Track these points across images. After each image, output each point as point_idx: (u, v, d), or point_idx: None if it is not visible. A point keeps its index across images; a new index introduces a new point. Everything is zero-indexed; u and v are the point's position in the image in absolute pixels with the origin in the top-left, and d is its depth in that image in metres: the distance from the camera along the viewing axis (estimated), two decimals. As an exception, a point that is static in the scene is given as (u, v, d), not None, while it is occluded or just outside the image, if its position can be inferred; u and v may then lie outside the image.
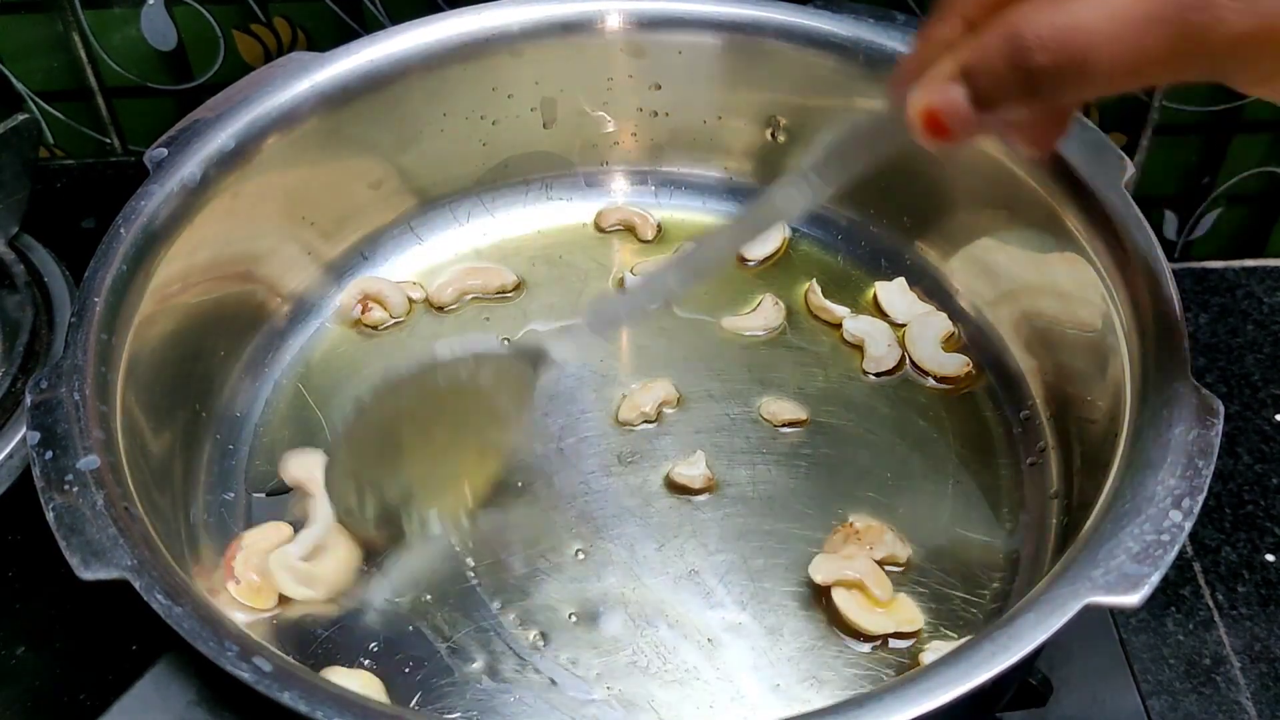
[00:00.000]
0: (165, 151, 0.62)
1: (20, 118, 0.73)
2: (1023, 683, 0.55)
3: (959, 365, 0.67)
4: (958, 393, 0.67)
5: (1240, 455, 0.72)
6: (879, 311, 0.70)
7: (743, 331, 0.70)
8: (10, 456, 0.62)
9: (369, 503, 0.58)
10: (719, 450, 0.64)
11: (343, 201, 0.71)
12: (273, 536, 0.58)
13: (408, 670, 0.56)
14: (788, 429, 0.65)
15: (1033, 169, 0.63)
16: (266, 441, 0.65)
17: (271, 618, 0.57)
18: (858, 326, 0.69)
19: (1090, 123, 0.63)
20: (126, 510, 0.50)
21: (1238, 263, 0.84)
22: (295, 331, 0.70)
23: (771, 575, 0.59)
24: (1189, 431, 0.50)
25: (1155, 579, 0.46)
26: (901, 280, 0.71)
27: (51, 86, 0.81)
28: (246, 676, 0.44)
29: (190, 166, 0.62)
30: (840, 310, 0.70)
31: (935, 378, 0.67)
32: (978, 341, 0.69)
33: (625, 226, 0.76)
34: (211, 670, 0.45)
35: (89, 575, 0.47)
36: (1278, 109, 0.77)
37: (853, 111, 0.70)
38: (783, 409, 0.65)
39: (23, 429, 0.61)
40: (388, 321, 0.70)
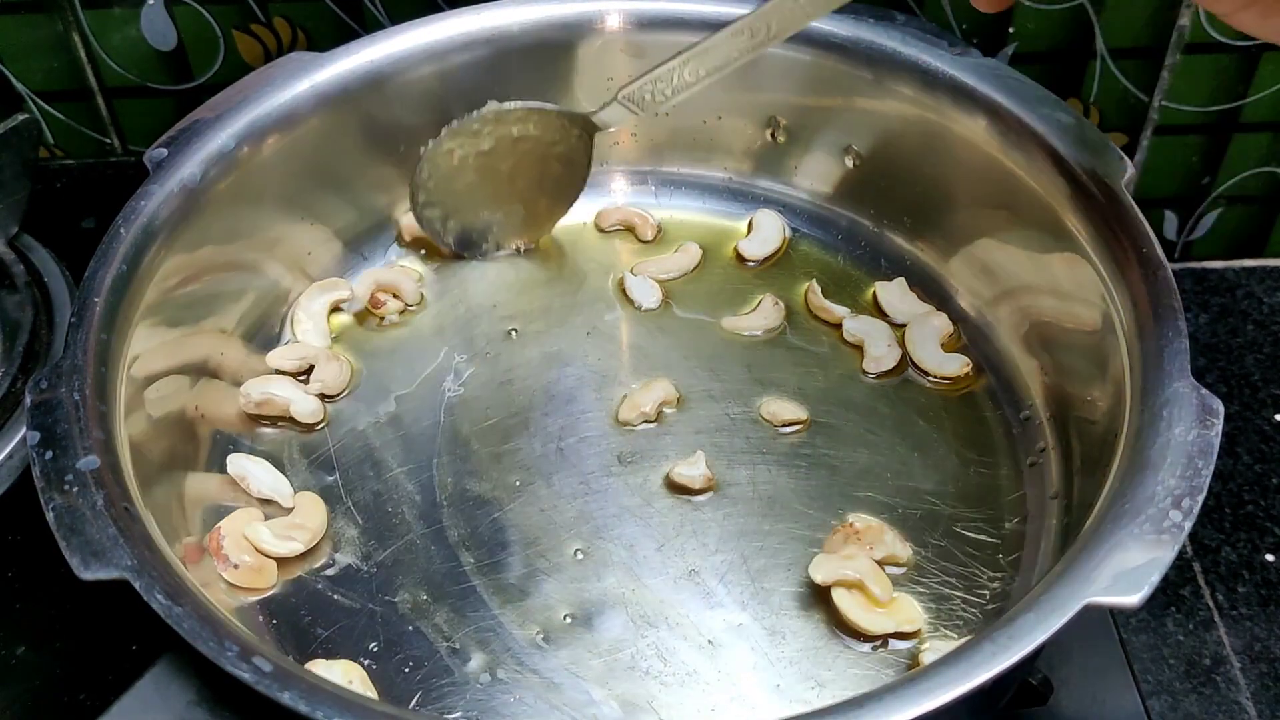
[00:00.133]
0: (165, 151, 0.62)
1: (20, 118, 0.73)
2: (1023, 683, 0.55)
3: (959, 365, 0.67)
4: (958, 393, 0.67)
5: (1240, 455, 0.72)
6: (879, 311, 0.70)
7: (743, 331, 0.70)
8: (10, 456, 0.62)
9: (450, 225, 0.71)
10: (719, 450, 0.64)
11: (342, 202, 0.71)
12: (245, 518, 0.59)
13: (408, 670, 0.56)
14: (788, 429, 0.65)
15: (1033, 169, 0.63)
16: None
17: (272, 617, 0.58)
18: (858, 326, 0.69)
19: (1090, 123, 0.63)
20: (126, 510, 0.50)
21: (1238, 263, 0.84)
22: (295, 331, 0.70)
23: (771, 575, 0.59)
24: (1189, 431, 0.50)
25: (1155, 579, 0.46)
26: (901, 280, 0.71)
27: (51, 86, 0.81)
28: (246, 676, 0.44)
29: (190, 166, 0.62)
30: (840, 310, 0.70)
31: (935, 378, 0.67)
32: (978, 341, 0.69)
33: (625, 226, 0.76)
34: (211, 670, 0.45)
35: (89, 575, 0.47)
36: (1278, 109, 0.77)
37: (853, 112, 0.71)
38: (783, 409, 0.65)
39: (23, 429, 0.61)
40: (399, 310, 0.71)
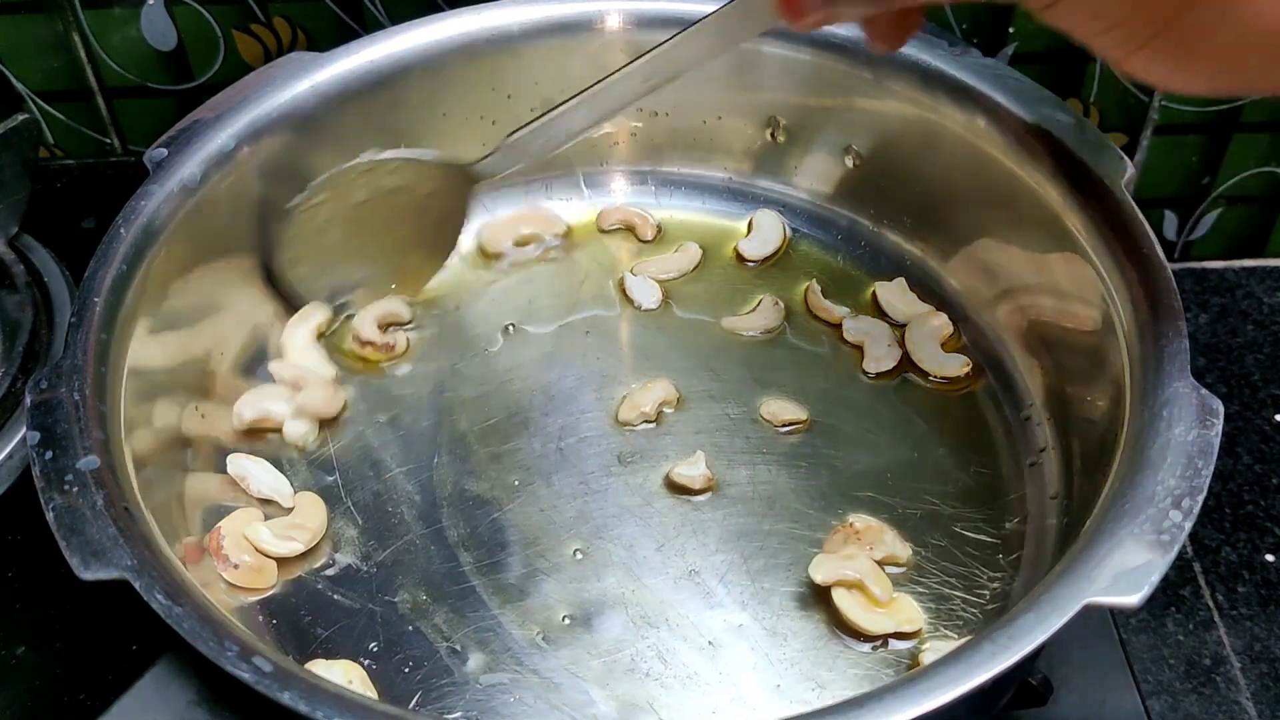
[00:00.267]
0: (165, 151, 0.62)
1: (20, 118, 0.73)
2: (1023, 683, 0.55)
3: (959, 365, 0.67)
4: (958, 393, 0.67)
5: (1240, 455, 0.72)
6: (879, 311, 0.70)
7: (743, 331, 0.70)
8: (10, 456, 0.62)
9: (321, 282, 0.67)
10: (719, 450, 0.64)
11: (343, 201, 0.71)
12: (245, 518, 0.59)
13: (408, 670, 0.56)
14: (788, 429, 0.65)
15: (1033, 169, 0.63)
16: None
17: (272, 618, 0.58)
18: (858, 326, 0.69)
19: (1090, 123, 0.63)
20: (126, 510, 0.50)
21: (1238, 263, 0.84)
22: (295, 331, 0.69)
23: (771, 575, 0.59)
24: (1189, 431, 0.50)
25: (1155, 579, 0.46)
26: (901, 280, 0.71)
27: (51, 86, 0.81)
28: (246, 676, 0.44)
29: (190, 166, 0.62)
30: (840, 310, 0.70)
31: (935, 378, 0.67)
32: (978, 341, 0.68)
33: (625, 226, 0.76)
34: (211, 670, 0.45)
35: (89, 575, 0.47)
36: (1277, 109, 0.77)
37: (853, 112, 0.71)
38: (783, 409, 0.65)
39: (23, 429, 0.61)
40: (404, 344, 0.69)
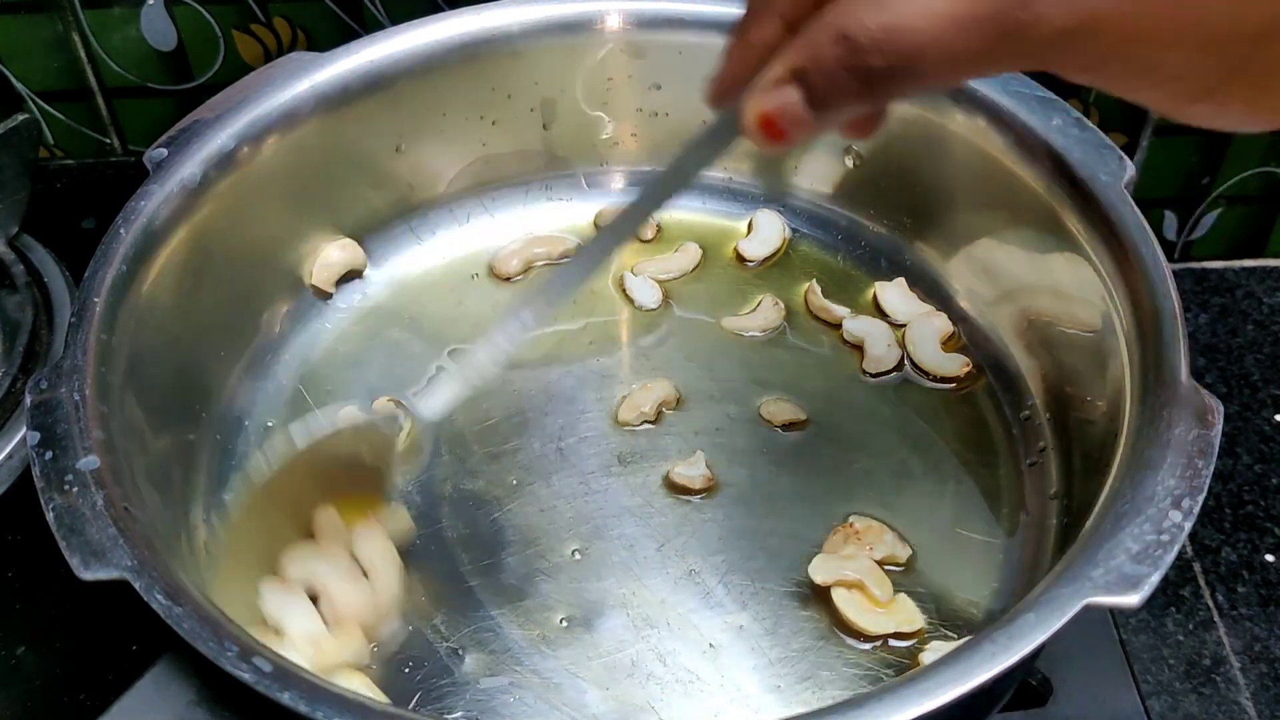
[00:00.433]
0: (165, 151, 0.62)
1: (20, 118, 0.73)
2: (1023, 683, 0.55)
3: (959, 365, 0.67)
4: (958, 393, 0.67)
5: (1240, 455, 0.72)
6: (879, 311, 0.70)
7: (743, 332, 0.70)
8: (10, 456, 0.62)
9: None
10: (719, 450, 0.64)
11: (342, 202, 0.71)
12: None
13: (408, 670, 0.56)
14: (788, 429, 0.65)
15: (1033, 169, 0.63)
16: (266, 441, 0.65)
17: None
18: (858, 326, 0.69)
19: (1090, 123, 0.63)
20: (126, 510, 0.50)
21: (1238, 263, 0.84)
22: (295, 332, 0.69)
23: (771, 575, 0.59)
24: (1189, 431, 0.50)
25: (1155, 579, 0.46)
26: (901, 280, 0.71)
27: (51, 86, 0.81)
28: (246, 676, 0.44)
29: (190, 166, 0.62)
30: (840, 310, 0.70)
31: (935, 378, 0.67)
32: (978, 341, 0.68)
33: (625, 226, 0.76)
34: (211, 670, 0.45)
35: (89, 575, 0.47)
36: (1278, 109, 0.77)
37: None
38: (783, 409, 0.65)
39: (23, 429, 0.61)
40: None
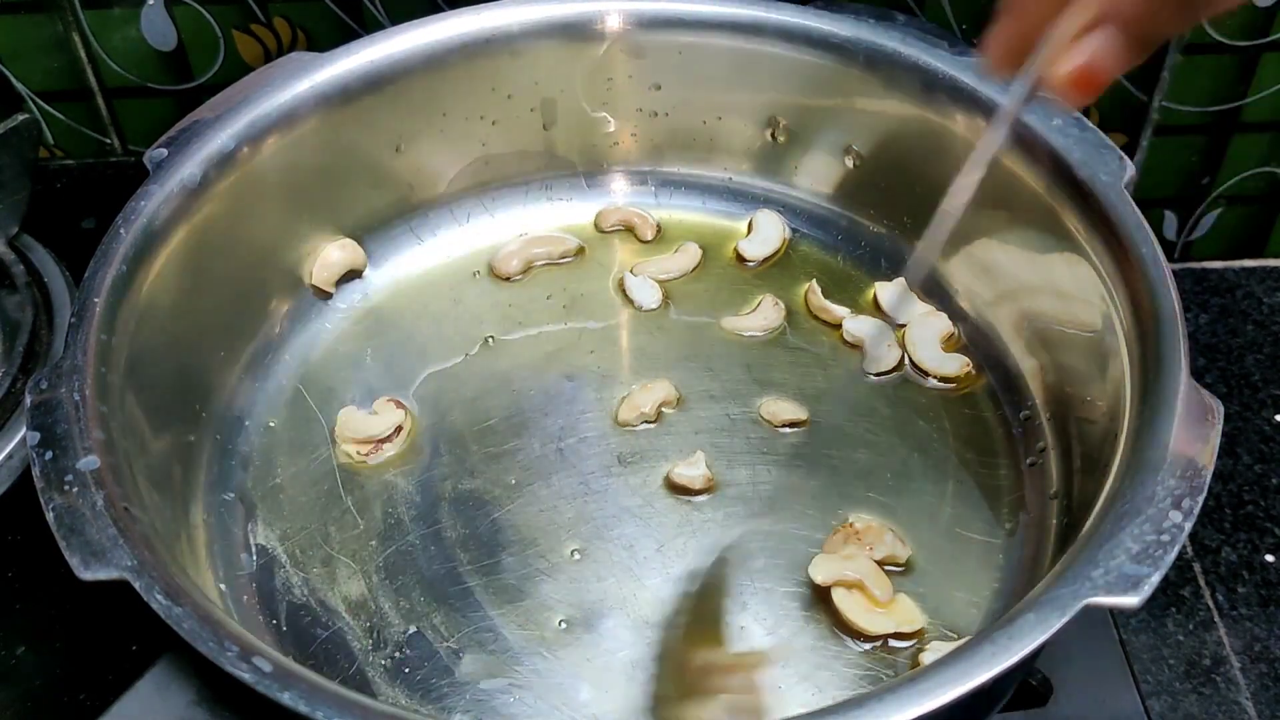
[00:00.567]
0: (165, 151, 0.62)
1: (20, 118, 0.73)
2: (1023, 683, 0.55)
3: (959, 365, 0.67)
4: (958, 393, 0.67)
5: (1240, 455, 0.72)
6: (879, 311, 0.70)
7: (743, 332, 0.70)
8: (10, 457, 0.62)
9: None
10: (719, 450, 0.64)
11: (342, 202, 0.71)
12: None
13: (408, 670, 0.56)
14: (788, 429, 0.65)
15: (1033, 169, 0.63)
16: (266, 442, 0.65)
17: (272, 618, 0.57)
18: (858, 326, 0.69)
19: (1090, 123, 0.63)
20: (126, 510, 0.50)
21: (1238, 263, 0.84)
22: (295, 332, 0.69)
23: (771, 575, 0.59)
24: (1189, 431, 0.50)
25: (1155, 579, 0.46)
26: (901, 280, 0.71)
27: (51, 86, 0.81)
28: (246, 676, 0.44)
29: (190, 166, 0.62)
30: (840, 310, 0.70)
31: (935, 378, 0.67)
32: (978, 341, 0.68)
33: (625, 226, 0.76)
34: (211, 670, 0.45)
35: (89, 575, 0.47)
36: (1277, 109, 0.77)
37: (853, 112, 0.71)
38: (783, 409, 0.65)
39: (23, 429, 0.60)
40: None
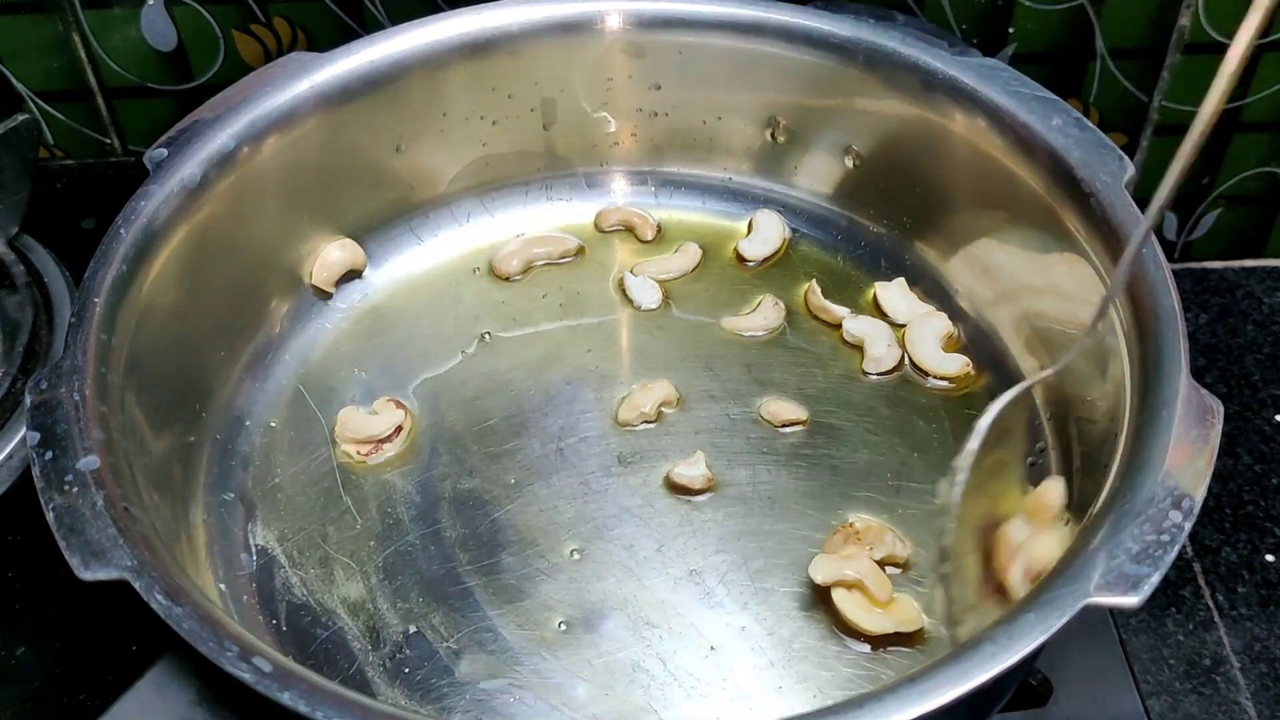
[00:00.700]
0: (165, 152, 0.62)
1: (20, 118, 0.73)
2: (1023, 683, 0.55)
3: (959, 365, 0.67)
4: (958, 393, 0.67)
5: (1240, 455, 0.72)
6: (879, 312, 0.70)
7: (743, 332, 0.70)
8: (10, 457, 0.62)
9: None
10: (719, 450, 0.64)
11: (342, 202, 0.71)
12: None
13: (408, 670, 0.56)
14: (788, 429, 0.65)
15: (1033, 169, 0.63)
16: (266, 442, 0.65)
17: (272, 618, 0.58)
18: (858, 326, 0.69)
19: (1090, 123, 0.63)
20: (126, 510, 0.50)
21: (1238, 263, 0.84)
22: (295, 332, 0.69)
23: (772, 576, 0.59)
24: (1189, 431, 0.50)
25: (1155, 579, 0.46)
26: (901, 280, 0.71)
27: (51, 86, 0.81)
28: (246, 677, 0.44)
29: (190, 167, 0.62)
30: (840, 310, 0.70)
31: (935, 378, 0.67)
32: (978, 341, 0.68)
33: (625, 226, 0.76)
34: (211, 670, 0.45)
35: (89, 575, 0.47)
36: (1277, 109, 0.77)
37: (853, 112, 0.71)
38: (783, 409, 0.65)
39: (23, 429, 0.61)
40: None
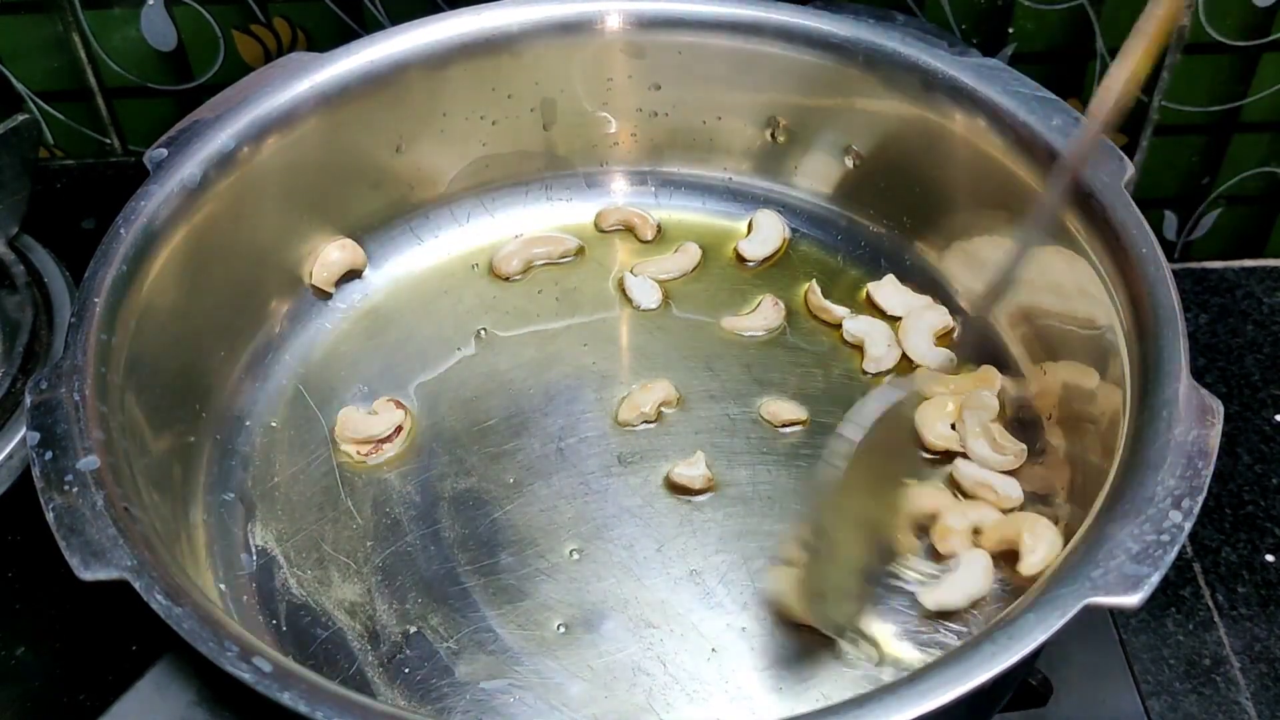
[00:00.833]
0: (165, 152, 0.62)
1: (20, 118, 0.73)
2: (1023, 683, 0.55)
3: (945, 359, 0.67)
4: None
5: (1240, 455, 0.72)
6: (876, 311, 0.70)
7: (743, 331, 0.70)
8: (10, 457, 0.62)
9: None
10: (719, 450, 0.64)
11: (342, 202, 0.71)
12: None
13: (407, 670, 0.56)
14: (788, 429, 0.65)
15: (1033, 169, 0.63)
16: (266, 442, 0.65)
17: (272, 618, 0.58)
18: (858, 326, 0.69)
19: (1090, 123, 0.63)
20: (126, 510, 0.50)
21: (1238, 263, 0.84)
22: (295, 332, 0.69)
23: (771, 575, 0.59)
24: (1189, 431, 0.50)
25: (1155, 579, 0.46)
26: (891, 276, 0.71)
27: (51, 86, 0.81)
28: (246, 676, 0.44)
29: (190, 167, 0.62)
30: (840, 310, 0.70)
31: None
32: (977, 341, 0.68)
33: (625, 226, 0.76)
34: (211, 670, 0.45)
35: (89, 575, 0.47)
36: (1277, 109, 0.77)
37: (853, 112, 0.71)
38: (783, 409, 0.65)
39: (23, 429, 0.61)
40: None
